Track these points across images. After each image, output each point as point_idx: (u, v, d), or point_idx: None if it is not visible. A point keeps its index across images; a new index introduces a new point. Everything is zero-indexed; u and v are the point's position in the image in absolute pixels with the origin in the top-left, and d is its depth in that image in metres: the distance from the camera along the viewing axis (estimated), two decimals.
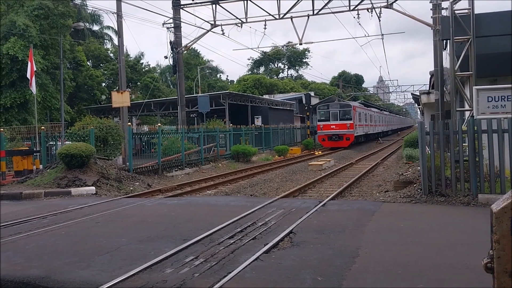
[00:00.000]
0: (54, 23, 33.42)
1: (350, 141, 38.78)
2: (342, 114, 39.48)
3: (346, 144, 38.63)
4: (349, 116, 39.17)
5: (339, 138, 38.89)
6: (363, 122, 44.93)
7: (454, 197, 10.51)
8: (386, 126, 67.05)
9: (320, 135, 40.47)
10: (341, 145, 38.68)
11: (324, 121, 39.92)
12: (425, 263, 6.08)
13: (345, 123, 38.85)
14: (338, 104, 41.71)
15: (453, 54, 14.25)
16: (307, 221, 8.79)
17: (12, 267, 6.25)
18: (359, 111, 43.13)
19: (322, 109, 40.85)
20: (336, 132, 39.02)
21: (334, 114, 39.77)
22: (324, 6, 21.98)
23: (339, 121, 39.11)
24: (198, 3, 24.19)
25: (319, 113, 40.60)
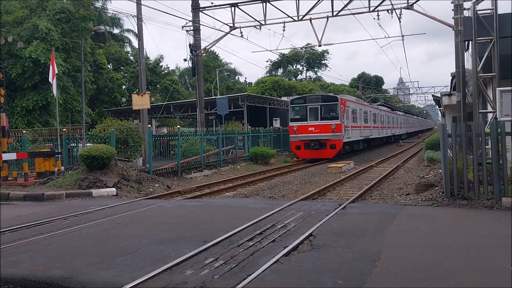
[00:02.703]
0: (75, 27, 33.87)
1: (336, 149, 27.78)
2: (325, 111, 28.24)
3: (331, 155, 27.79)
4: (334, 114, 28.01)
5: (320, 145, 27.68)
6: (361, 122, 34.36)
7: (477, 200, 10.33)
8: (400, 129, 58.87)
9: (293, 141, 28.75)
10: (323, 155, 27.74)
11: (300, 120, 28.72)
12: (448, 267, 5.98)
13: (328, 123, 27.73)
14: (319, 96, 29.91)
15: (476, 55, 14.02)
16: (327, 224, 8.72)
17: (35, 268, 6.33)
18: (352, 106, 31.95)
19: (296, 103, 29.51)
20: (316, 137, 27.79)
21: (313, 110, 28.36)
22: (344, 8, 21.85)
23: (320, 121, 28.01)
24: (217, 6, 24.28)
25: (292, 109, 29.36)
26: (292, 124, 28.97)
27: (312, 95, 32.87)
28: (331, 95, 32.87)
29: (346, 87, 78.89)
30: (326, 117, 28.05)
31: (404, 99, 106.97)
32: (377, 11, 21.89)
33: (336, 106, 28.20)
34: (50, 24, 32.27)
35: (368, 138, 37.62)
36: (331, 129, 27.57)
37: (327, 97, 29.91)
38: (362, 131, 34.89)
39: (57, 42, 32.20)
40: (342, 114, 28.12)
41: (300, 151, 28.76)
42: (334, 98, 29.25)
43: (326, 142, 27.65)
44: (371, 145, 41.15)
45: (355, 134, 32.14)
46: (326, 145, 27.69)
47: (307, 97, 29.71)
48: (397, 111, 62.26)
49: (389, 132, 49.74)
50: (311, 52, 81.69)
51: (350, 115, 30.53)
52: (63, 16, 33.18)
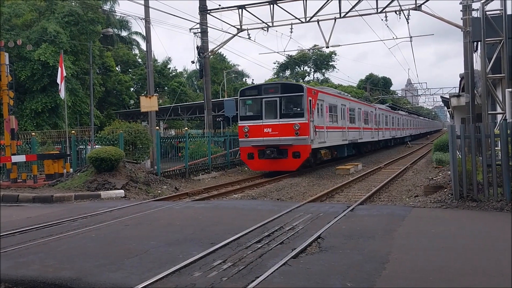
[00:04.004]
0: (84, 29, 34.08)
1: (302, 159, 20.48)
2: (286, 105, 21.08)
3: (293, 166, 20.61)
4: (299, 109, 20.78)
5: (280, 153, 20.49)
6: (344, 122, 27.38)
7: (487, 202, 10.26)
8: (402, 131, 52.92)
9: (244, 147, 21.39)
10: (283, 166, 20.70)
11: (252, 118, 21.32)
12: (457, 270, 5.94)
13: (290, 122, 20.53)
14: (278, 85, 22.09)
15: (485, 56, 13.95)
16: (336, 226, 8.70)
17: (44, 269, 6.37)
18: (330, 101, 24.77)
19: (248, 95, 21.84)
20: (274, 141, 20.61)
21: (270, 105, 21.06)
22: (351, 9, 21.81)
23: (279, 120, 20.70)
24: (225, 8, 24.32)
25: (242, 103, 21.87)
26: (242, 124, 21.18)
27: (268, 84, 24.44)
28: (294, 83, 23.73)
29: (354, 88, 78.68)
30: (288, 114, 20.57)
31: (412, 100, 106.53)
32: (385, 12, 21.83)
33: (301, 99, 20.51)
34: (59, 27, 32.49)
35: (356, 142, 30.58)
36: (294, 130, 20.06)
37: (288, 87, 22.04)
38: (345, 134, 27.41)
39: (66, 44, 32.41)
40: (310, 110, 20.88)
41: (252, 161, 21.07)
42: (298, 88, 21.36)
43: (288, 149, 20.14)
44: (362, 150, 33.95)
45: (333, 137, 24.78)
46: (287, 152, 20.21)
47: (262, 87, 21.80)
48: (399, 111, 56.34)
49: (387, 135, 43.17)
50: (319, 53, 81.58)
51: (325, 112, 23.23)
52: (71, 19, 33.40)
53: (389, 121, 45.00)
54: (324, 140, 23.09)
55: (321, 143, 22.57)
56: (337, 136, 25.90)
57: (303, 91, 20.69)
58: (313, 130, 21.10)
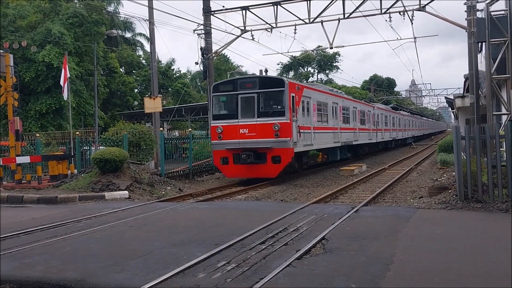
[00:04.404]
0: (88, 31, 34.19)
1: (282, 164, 17.83)
2: (265, 103, 18.46)
3: (273, 172, 18.06)
4: (279, 107, 18.17)
5: (257, 157, 17.87)
6: (336, 122, 24.73)
7: (492, 203, 10.22)
8: (403, 132, 50.74)
9: (217, 151, 18.83)
10: (261, 173, 18.17)
11: (227, 117, 18.69)
12: (462, 271, 5.92)
13: (270, 122, 17.87)
14: (256, 79, 19.33)
15: (489, 57, 13.88)
16: (340, 227, 8.68)
17: (49, 270, 6.38)
18: (318, 98, 22.00)
19: (222, 91, 19.17)
20: (251, 144, 17.94)
21: (247, 102, 18.45)
22: (355, 10, 21.77)
23: (257, 119, 18.08)
24: (229, 9, 24.32)
25: (216, 100, 19.33)
26: (215, 124, 18.53)
27: (245, 77, 21.34)
28: (274, 77, 20.60)
29: (358, 89, 78.59)
30: (267, 113, 17.96)
31: (417, 101, 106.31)
32: (389, 13, 21.78)
33: (281, 95, 17.86)
34: (63, 28, 32.61)
35: (351, 145, 28.13)
36: (274, 131, 17.40)
37: (267, 81, 19.03)
38: (338, 135, 24.85)
39: (70, 46, 32.52)
40: (293, 108, 18.21)
41: (227, 167, 18.50)
42: (278, 82, 18.52)
43: (266, 152, 17.53)
44: (359, 153, 31.78)
45: (323, 139, 22.31)
46: (265, 157, 17.58)
47: (237, 81, 19.07)
48: (401, 111, 53.94)
49: (387, 136, 40.52)
50: (323, 54, 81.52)
51: (313, 110, 20.69)
52: (75, 21, 33.51)
53: (389, 121, 42.47)
54: (311, 143, 20.41)
55: (307, 146, 19.97)
56: (328, 138, 23.36)
57: (283, 86, 17.93)
58: (297, 131, 18.39)
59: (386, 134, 40.22)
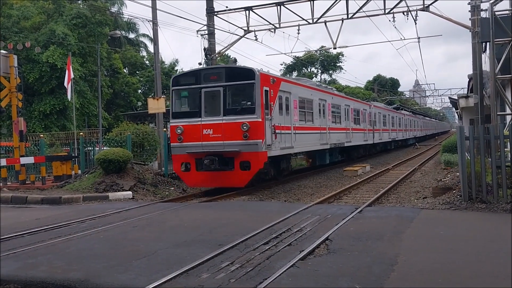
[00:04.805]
0: (92, 32, 34.26)
1: (253, 170, 15.02)
2: (233, 98, 15.79)
3: (242, 181, 15.23)
4: (249, 103, 15.34)
5: (223, 163, 15.21)
6: (322, 121, 21.98)
7: (496, 204, 10.18)
8: (404, 132, 48.68)
9: (177, 155, 15.98)
10: (228, 182, 15.34)
11: (188, 116, 15.94)
12: (467, 272, 5.90)
13: (238, 121, 15.13)
14: (222, 70, 16.42)
15: (493, 57, 13.84)
16: (344, 228, 8.66)
17: (53, 270, 6.39)
18: (299, 93, 19.10)
19: (183, 84, 16.38)
20: (215, 147, 15.24)
21: (212, 97, 15.75)
22: (359, 10, 21.74)
23: (223, 117, 15.35)
24: (232, 10, 24.33)
25: (176, 95, 16.47)
26: (175, 123, 15.72)
27: (209, 68, 18.31)
28: (243, 67, 17.34)
29: (361, 89, 78.50)
30: (234, 110, 15.20)
31: (420, 101, 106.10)
32: (392, 13, 21.75)
33: (251, 89, 15.09)
34: (67, 29, 32.70)
35: (342, 147, 25.54)
36: (242, 132, 14.74)
37: (235, 72, 16.01)
38: (326, 136, 22.21)
39: (74, 47, 32.60)
40: (267, 105, 15.44)
41: (188, 174, 15.68)
42: (247, 73, 15.46)
43: (234, 157, 14.88)
44: (353, 155, 29.40)
45: (307, 141, 19.71)
46: (233, 162, 14.91)
47: (201, 73, 16.06)
48: (403, 111, 52.34)
49: (385, 137, 38.34)
50: (326, 54, 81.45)
51: (293, 107, 18.02)
52: (79, 21, 33.59)
53: (388, 121, 39.83)
54: (291, 145, 17.59)
55: (285, 149, 17.00)
56: (313, 139, 20.65)
57: (254, 78, 15.03)
58: (271, 131, 15.53)
59: (384, 135, 37.76)
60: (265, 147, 15.11)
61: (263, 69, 17.71)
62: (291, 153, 18.27)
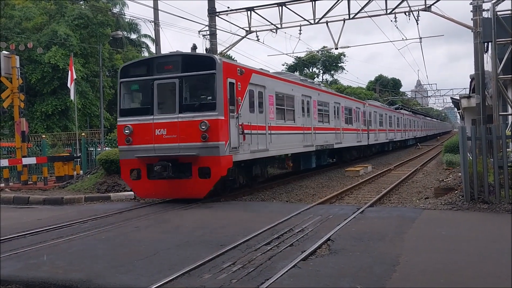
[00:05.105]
0: (94, 32, 34.33)
1: (214, 179, 12.50)
2: (191, 92, 13.44)
3: (201, 191, 12.59)
4: (209, 98, 13.07)
5: (179, 169, 12.71)
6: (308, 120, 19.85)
7: (498, 204, 10.16)
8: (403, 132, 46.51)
9: (125, 160, 13.27)
10: (185, 192, 12.77)
11: (138, 113, 13.41)
12: (469, 273, 5.89)
13: (196, 119, 12.61)
14: (178, 58, 13.41)
15: (495, 57, 13.82)
16: (345, 228, 8.66)
17: (55, 271, 6.40)
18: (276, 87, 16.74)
19: (133, 75, 13.81)
20: (170, 151, 12.68)
21: (166, 90, 13.36)
22: (360, 10, 21.74)
23: (178, 115, 12.83)
24: (234, 10, 24.34)
25: (125, 88, 13.92)
26: (122, 122, 13.39)
27: (163, 55, 15.40)
28: (202, 54, 15.13)
29: (363, 90, 78.48)
30: (192, 106, 12.96)
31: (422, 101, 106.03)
32: (394, 14, 21.74)
33: (212, 81, 12.81)
34: (69, 30, 32.77)
35: (332, 148, 23.34)
36: (200, 132, 12.44)
37: (193, 61, 13.48)
38: (310, 137, 19.95)
39: (76, 47, 32.66)
40: (233, 100, 13.25)
41: (138, 183, 13.23)
42: (207, 62, 13.06)
43: (191, 162, 12.58)
44: (345, 158, 27.16)
45: (285, 142, 17.20)
46: (190, 169, 12.62)
47: (154, 62, 13.72)
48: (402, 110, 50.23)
49: (382, 138, 36.21)
50: (328, 55, 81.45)
51: (268, 104, 15.72)
52: (81, 22, 33.66)
53: (385, 121, 37.43)
54: (266, 147, 15.25)
55: (258, 152, 14.62)
56: (295, 141, 18.22)
57: (214, 68, 12.67)
58: (238, 131, 13.27)
59: (381, 136, 35.48)
60: (230, 151, 12.74)
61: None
62: (266, 157, 15.71)
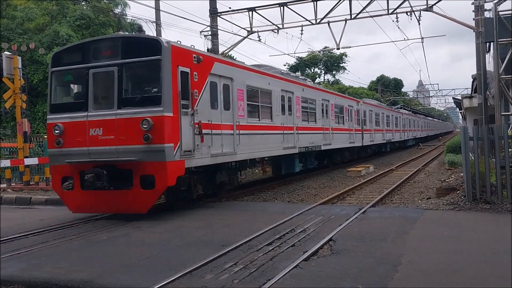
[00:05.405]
0: (95, 33, 34.32)
1: (159, 189, 10.17)
2: (133, 83, 11.07)
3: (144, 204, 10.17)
4: (154, 90, 10.67)
5: (117, 178, 10.32)
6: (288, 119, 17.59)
7: (500, 204, 10.15)
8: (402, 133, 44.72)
9: (55, 166, 11.02)
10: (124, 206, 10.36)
11: (71, 110, 10.97)
12: (471, 273, 5.88)
13: (137, 116, 10.21)
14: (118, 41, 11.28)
15: (497, 57, 13.80)
16: (347, 229, 8.65)
17: (57, 271, 6.40)
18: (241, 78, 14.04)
19: (66, 63, 11.30)
20: (107, 155, 10.33)
21: (103, 80, 10.91)
22: (362, 10, 21.72)
23: (117, 110, 10.44)
24: (235, 10, 24.34)
25: (57, 80, 11.53)
26: (52, 120, 11.27)
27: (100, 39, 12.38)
28: (145, 37, 12.77)
29: (365, 90, 78.41)
30: (133, 100, 10.74)
31: (424, 101, 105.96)
32: (396, 14, 21.72)
33: (157, 69, 10.56)
34: (71, 30, 32.79)
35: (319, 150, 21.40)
36: (142, 131, 10.21)
37: (136, 43, 11.52)
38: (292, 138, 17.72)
39: None
40: (187, 92, 11.14)
41: (70, 194, 11.02)
42: (151, 46, 10.80)
43: (132, 169, 10.35)
44: (336, 161, 25.46)
45: (259, 144, 14.90)
46: (130, 177, 10.36)
47: (90, 47, 11.37)
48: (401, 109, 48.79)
49: (378, 138, 34.50)
50: (329, 55, 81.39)
51: (237, 99, 13.58)
52: (83, 23, 33.68)
53: (382, 120, 35.65)
54: (233, 150, 13.13)
55: (221, 156, 12.48)
56: (272, 142, 15.92)
57: (160, 53, 10.37)
58: (192, 131, 11.11)
59: (377, 136, 33.78)
60: (181, 155, 10.53)
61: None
62: (233, 161, 13.56)
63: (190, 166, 11.15)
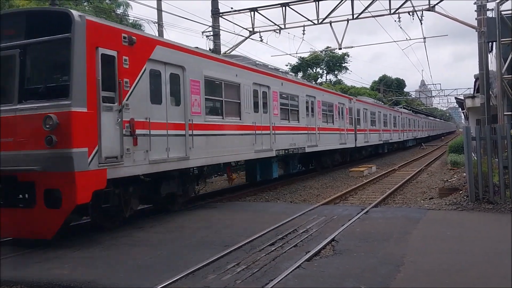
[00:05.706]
0: None
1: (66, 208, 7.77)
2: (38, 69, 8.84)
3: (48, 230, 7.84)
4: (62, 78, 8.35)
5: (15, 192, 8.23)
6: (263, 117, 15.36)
7: (503, 204, 10.13)
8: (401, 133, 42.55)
9: None
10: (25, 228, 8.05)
11: None
12: (474, 273, 5.87)
13: (40, 111, 7.84)
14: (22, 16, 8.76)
15: (500, 56, 13.79)
16: (350, 229, 8.64)
17: (60, 271, 6.41)
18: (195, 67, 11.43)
19: None
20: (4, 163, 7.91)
21: (2, 65, 8.45)
22: (364, 10, 21.70)
23: (17, 105, 8.15)
24: (237, 11, 24.35)
25: None
26: None
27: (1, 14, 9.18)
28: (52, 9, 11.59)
29: (367, 90, 78.34)
30: (36, 91, 8.42)
31: (427, 101, 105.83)
32: (398, 13, 21.70)
33: (67, 49, 8.04)
34: None
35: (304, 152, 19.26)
36: (45, 132, 7.77)
37: (42, 19, 8.85)
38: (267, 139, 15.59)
39: None
40: (109, 80, 8.67)
41: None
42: (59, 21, 8.36)
43: (34, 182, 7.89)
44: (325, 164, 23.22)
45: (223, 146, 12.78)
46: (33, 192, 7.99)
47: None
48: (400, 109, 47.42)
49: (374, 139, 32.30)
50: (331, 55, 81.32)
51: (189, 93, 11.18)
52: None
53: (378, 119, 33.58)
54: (185, 154, 10.88)
55: (164, 163, 10.10)
56: (240, 144, 13.75)
57: (69, 30, 8.11)
58: (119, 131, 8.82)
59: (373, 136, 31.59)
60: (101, 162, 8.26)
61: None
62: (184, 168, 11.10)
63: (117, 177, 8.71)
